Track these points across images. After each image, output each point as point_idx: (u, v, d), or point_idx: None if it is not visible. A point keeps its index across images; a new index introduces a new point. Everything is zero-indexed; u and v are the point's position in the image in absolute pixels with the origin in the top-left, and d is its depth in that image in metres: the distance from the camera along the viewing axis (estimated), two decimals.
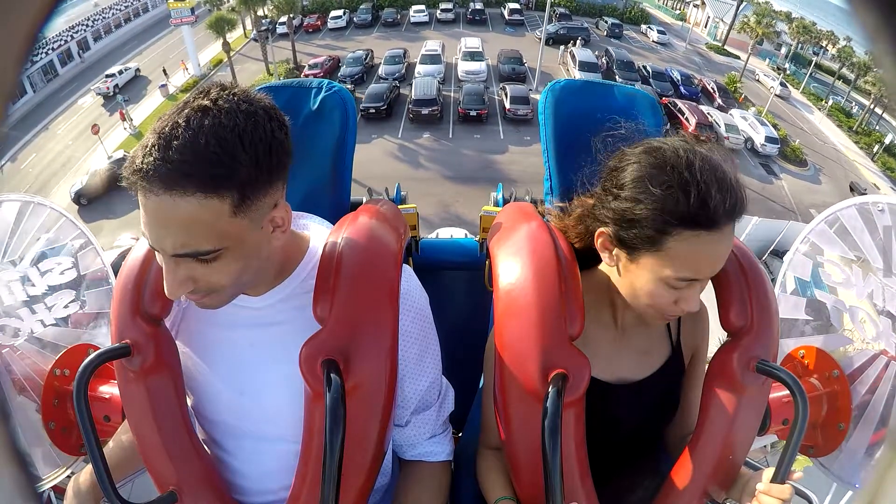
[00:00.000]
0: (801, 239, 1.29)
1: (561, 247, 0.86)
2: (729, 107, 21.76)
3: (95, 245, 1.28)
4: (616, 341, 0.90)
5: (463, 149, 17.65)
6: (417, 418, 0.88)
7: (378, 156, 16.96)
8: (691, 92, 22.02)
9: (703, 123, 19.04)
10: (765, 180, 17.98)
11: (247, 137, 0.63)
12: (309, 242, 0.85)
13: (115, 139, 18.68)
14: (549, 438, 0.69)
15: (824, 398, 1.18)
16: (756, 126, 19.80)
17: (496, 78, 22.07)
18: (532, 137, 18.30)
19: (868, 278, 1.17)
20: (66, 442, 1.15)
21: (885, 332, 1.14)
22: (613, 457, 0.88)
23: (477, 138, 18.27)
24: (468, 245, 1.50)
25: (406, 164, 16.99)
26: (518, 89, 19.98)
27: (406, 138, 18.23)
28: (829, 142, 22.05)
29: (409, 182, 15.71)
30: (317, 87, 1.08)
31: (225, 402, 0.84)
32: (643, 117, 1.05)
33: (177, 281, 0.67)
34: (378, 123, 18.65)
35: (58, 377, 1.16)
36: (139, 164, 0.61)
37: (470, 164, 16.78)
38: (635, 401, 0.90)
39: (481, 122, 18.94)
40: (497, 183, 3.06)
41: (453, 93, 20.67)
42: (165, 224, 0.63)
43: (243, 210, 0.65)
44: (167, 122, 0.62)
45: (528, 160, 16.40)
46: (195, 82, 21.71)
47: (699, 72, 24.52)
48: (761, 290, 0.84)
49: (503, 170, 16.53)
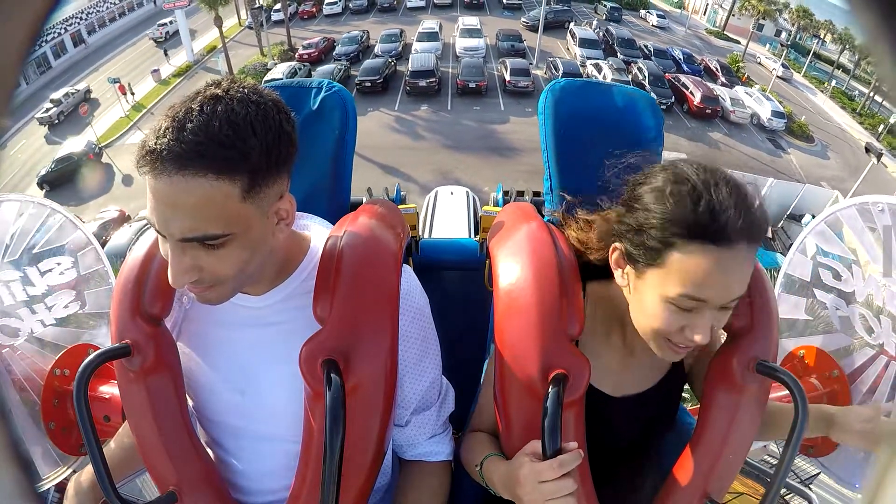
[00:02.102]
0: (812, 226, 1.27)
1: (561, 247, 0.86)
2: (732, 85, 21.52)
3: (95, 245, 1.28)
4: (624, 359, 0.89)
5: (462, 119, 17.38)
6: (418, 418, 0.88)
7: (374, 128, 16.72)
8: (694, 70, 21.86)
9: (709, 96, 18.81)
10: (773, 154, 17.83)
11: (258, 125, 0.65)
12: (310, 242, 0.85)
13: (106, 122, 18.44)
14: (549, 438, 0.69)
15: (824, 398, 1.18)
16: (761, 101, 19.63)
17: (495, 55, 21.79)
18: (533, 109, 17.81)
19: (868, 278, 1.17)
20: (66, 442, 1.15)
21: (885, 332, 1.14)
22: (613, 461, 0.88)
23: (476, 110, 17.97)
24: (468, 245, 1.50)
25: (403, 135, 16.69)
26: (518, 62, 19.89)
27: (403, 111, 17.97)
28: (833, 121, 21.93)
29: (407, 151, 15.51)
30: (317, 87, 1.08)
31: (226, 402, 0.84)
32: (643, 117, 1.05)
33: (182, 268, 0.67)
34: (374, 97, 18.34)
35: (58, 377, 1.16)
36: (152, 145, 0.62)
37: (470, 134, 16.46)
38: (635, 412, 0.90)
39: (481, 94, 18.61)
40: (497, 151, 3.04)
41: (451, 69, 20.32)
42: (175, 206, 0.63)
43: (252, 196, 0.66)
44: (180, 108, 0.63)
45: (530, 130, 16.06)
46: (188, 67, 21.58)
47: (700, 54, 24.38)
48: (761, 290, 0.83)
49: (505, 139, 16.21)
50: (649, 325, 0.76)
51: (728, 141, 17.96)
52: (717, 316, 0.73)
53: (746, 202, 0.70)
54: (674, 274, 0.71)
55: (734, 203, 0.68)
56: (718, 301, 0.71)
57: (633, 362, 0.89)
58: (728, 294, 0.71)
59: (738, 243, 0.68)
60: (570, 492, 0.68)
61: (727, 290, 0.70)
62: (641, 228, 0.73)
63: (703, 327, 0.72)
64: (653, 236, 0.72)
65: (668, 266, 0.71)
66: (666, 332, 0.74)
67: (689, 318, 0.72)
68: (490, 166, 14.52)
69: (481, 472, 0.83)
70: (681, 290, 0.70)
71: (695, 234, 0.69)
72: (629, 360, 0.89)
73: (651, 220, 0.72)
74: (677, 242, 0.70)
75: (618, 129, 1.03)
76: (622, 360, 0.89)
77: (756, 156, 17.14)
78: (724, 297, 0.71)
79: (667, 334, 0.75)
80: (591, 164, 1.01)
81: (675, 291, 0.71)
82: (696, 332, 0.72)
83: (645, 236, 0.73)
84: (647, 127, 1.04)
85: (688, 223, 0.69)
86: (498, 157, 15.17)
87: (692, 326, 0.72)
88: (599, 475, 0.81)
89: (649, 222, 0.72)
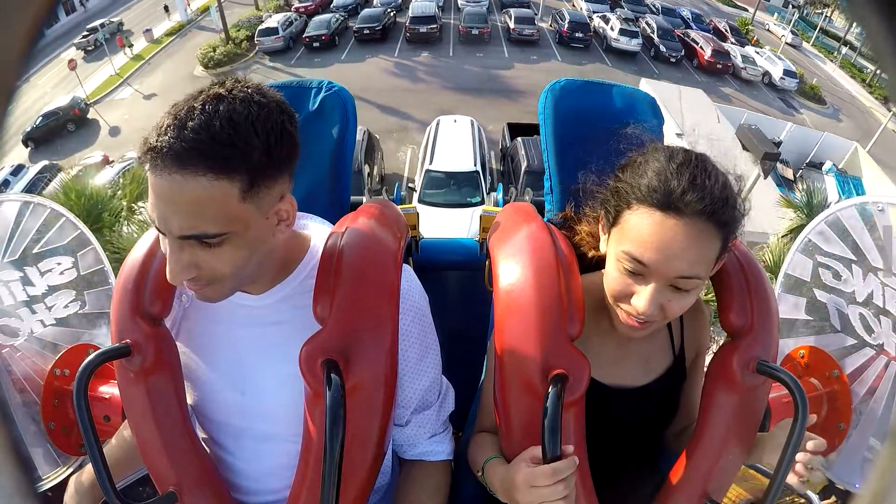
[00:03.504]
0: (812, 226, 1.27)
1: (561, 247, 0.86)
2: (743, 46, 21.00)
3: (95, 245, 1.28)
4: (617, 347, 0.89)
5: (465, 65, 16.88)
6: (418, 418, 0.88)
7: (373, 72, 16.23)
8: (703, 30, 21.18)
9: (720, 51, 18.36)
10: (786, 112, 17.49)
11: (259, 125, 0.65)
12: (310, 242, 0.85)
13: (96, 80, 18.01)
14: (549, 438, 0.69)
15: (824, 398, 1.18)
16: (774, 60, 19.22)
17: (498, 8, 21.35)
18: (539, 57, 17.48)
19: (868, 278, 1.17)
20: (66, 442, 1.15)
21: (885, 332, 1.14)
22: (613, 458, 0.88)
23: (479, 56, 17.48)
24: (468, 245, 1.50)
25: (403, 78, 16.17)
26: (523, 11, 19.48)
27: (403, 57, 17.44)
28: (843, 88, 21.64)
29: (407, 93, 14.98)
30: (317, 87, 1.08)
31: (226, 402, 0.84)
32: (643, 117, 1.05)
33: (180, 265, 0.67)
34: (372, 46, 17.82)
35: (58, 377, 1.16)
36: (154, 142, 0.62)
37: (472, 78, 15.93)
38: (635, 406, 0.90)
39: (484, 41, 18.11)
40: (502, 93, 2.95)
41: (453, 19, 19.79)
42: (174, 203, 0.63)
43: (251, 196, 0.66)
44: (183, 106, 0.64)
45: (534, 76, 15.64)
46: (181, 27, 21.12)
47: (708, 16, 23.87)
48: (761, 290, 0.84)
49: (509, 83, 15.71)
50: (607, 287, 0.79)
51: (739, 96, 17.48)
52: (667, 295, 0.74)
53: (708, 181, 0.71)
54: (625, 232, 0.75)
55: (691, 177, 0.71)
56: (660, 269, 0.72)
57: (625, 351, 0.90)
58: (669, 266, 0.71)
59: (686, 216, 0.70)
60: (561, 497, 0.69)
61: (668, 261, 0.71)
62: (615, 192, 0.78)
63: (645, 296, 0.74)
64: (618, 198, 0.77)
65: (621, 225, 0.76)
66: (616, 293, 0.78)
67: (635, 283, 0.75)
68: (494, 107, 13.87)
69: (483, 476, 0.84)
70: (624, 248, 0.74)
71: (644, 197, 0.73)
72: (622, 348, 0.89)
73: (621, 185, 0.77)
74: (633, 203, 0.74)
75: (618, 128, 1.03)
76: (615, 349, 0.89)
77: (769, 112, 16.54)
78: (666, 267, 0.72)
79: (618, 297, 0.78)
80: (591, 164, 1.01)
81: (621, 249, 0.75)
82: (639, 298, 0.74)
83: (614, 199, 0.78)
84: (647, 127, 1.04)
85: (643, 188, 0.73)
86: (503, 99, 14.55)
87: (637, 293, 0.75)
88: (599, 475, 0.81)
89: (620, 186, 0.77)
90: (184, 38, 20.78)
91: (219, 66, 17.33)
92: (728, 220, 0.72)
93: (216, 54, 17.71)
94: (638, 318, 0.77)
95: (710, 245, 0.72)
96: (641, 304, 0.74)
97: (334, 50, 17.85)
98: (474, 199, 8.15)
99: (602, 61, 18.02)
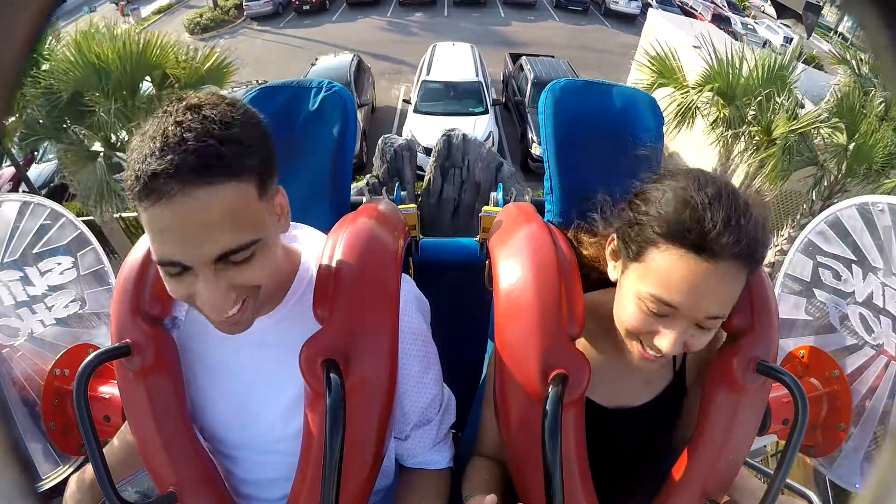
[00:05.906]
0: (812, 226, 1.27)
1: (561, 247, 0.86)
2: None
3: (95, 245, 1.28)
4: (618, 370, 0.87)
5: (460, 23, 16.55)
6: (418, 432, 0.88)
7: (365, 29, 15.87)
8: None
9: (719, 16, 17.96)
10: None
11: (246, 119, 0.64)
12: (300, 258, 0.82)
13: None
14: (549, 438, 0.69)
15: (824, 398, 1.18)
16: (774, 29, 18.93)
17: None
18: (536, 17, 17.14)
19: (868, 278, 1.17)
20: (66, 442, 1.15)
21: (885, 332, 1.14)
22: (612, 467, 0.88)
23: (475, 16, 17.22)
24: (468, 245, 1.50)
25: (397, 34, 15.81)
26: None
27: (396, 17, 17.08)
28: None
29: (399, 45, 14.65)
30: (317, 87, 1.08)
31: (226, 422, 0.83)
32: (643, 117, 1.05)
33: (221, 293, 0.63)
34: (363, 9, 17.51)
35: (58, 377, 1.16)
36: (155, 167, 0.56)
37: (469, 33, 15.30)
38: (633, 424, 0.90)
39: (479, 3, 17.84)
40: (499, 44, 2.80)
41: None
42: (201, 225, 0.59)
43: (264, 192, 0.65)
44: (162, 126, 0.58)
45: (533, 31, 15.31)
46: (169, 6, 20.29)
47: None
48: (761, 290, 0.83)
49: (508, 36, 15.29)
50: (622, 320, 0.76)
51: None
52: (691, 332, 0.71)
53: (743, 216, 0.67)
54: (650, 272, 0.71)
55: (725, 217, 0.66)
56: (689, 312, 0.69)
57: (628, 373, 0.87)
58: (699, 308, 0.68)
59: (721, 259, 0.66)
60: None
61: (698, 303, 0.68)
62: (634, 223, 0.74)
63: (670, 337, 0.70)
64: (640, 232, 0.72)
65: (646, 263, 0.71)
66: (635, 330, 0.74)
67: (659, 323, 0.71)
68: (494, 55, 13.31)
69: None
70: (651, 290, 0.70)
71: (676, 238, 0.68)
72: (624, 371, 0.86)
73: (643, 217, 0.73)
74: (659, 242, 0.70)
75: (618, 129, 1.03)
76: (616, 370, 0.87)
77: None
78: (695, 309, 0.69)
79: (637, 334, 0.75)
80: (591, 164, 1.01)
81: (646, 290, 0.70)
82: (663, 339, 0.71)
83: (635, 231, 0.74)
84: (647, 127, 1.04)
85: (672, 225, 0.69)
86: (503, 47, 14.07)
87: (661, 334, 0.71)
88: (599, 476, 0.81)
89: (642, 218, 0.73)
90: (171, 15, 19.98)
91: (205, 31, 16.67)
92: (760, 257, 0.70)
93: (202, 20, 17.10)
94: (655, 355, 0.74)
95: (740, 283, 0.70)
96: (666, 346, 0.70)
97: (325, 13, 17.56)
98: (477, 109, 7.59)
99: (601, 23, 17.74)
